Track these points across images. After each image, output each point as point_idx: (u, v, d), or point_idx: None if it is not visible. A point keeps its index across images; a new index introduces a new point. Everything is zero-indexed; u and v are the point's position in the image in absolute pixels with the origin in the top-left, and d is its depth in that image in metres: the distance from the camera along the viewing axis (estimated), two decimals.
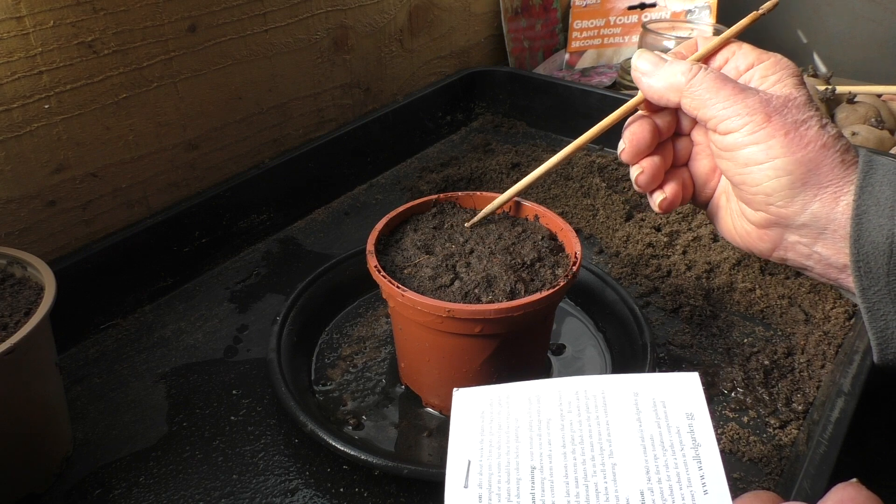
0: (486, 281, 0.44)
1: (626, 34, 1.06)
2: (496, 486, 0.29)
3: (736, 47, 0.41)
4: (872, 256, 0.36)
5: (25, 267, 0.45)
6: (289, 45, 0.72)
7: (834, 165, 0.37)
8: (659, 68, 0.41)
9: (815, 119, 0.38)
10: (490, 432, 0.32)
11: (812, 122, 0.37)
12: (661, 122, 0.43)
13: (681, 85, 0.39)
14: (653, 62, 0.41)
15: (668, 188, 0.43)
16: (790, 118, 0.37)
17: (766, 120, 0.37)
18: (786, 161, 0.37)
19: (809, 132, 0.37)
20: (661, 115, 0.43)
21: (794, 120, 0.37)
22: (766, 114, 0.37)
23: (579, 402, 0.32)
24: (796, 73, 0.40)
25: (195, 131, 0.66)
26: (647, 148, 0.42)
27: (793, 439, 0.48)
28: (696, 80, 0.39)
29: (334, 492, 0.45)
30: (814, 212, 0.38)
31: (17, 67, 0.52)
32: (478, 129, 0.92)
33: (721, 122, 0.38)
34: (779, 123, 0.37)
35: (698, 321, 0.58)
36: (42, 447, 0.44)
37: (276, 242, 0.69)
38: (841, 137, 0.38)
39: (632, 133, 0.42)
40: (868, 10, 1.10)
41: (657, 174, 0.43)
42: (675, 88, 0.40)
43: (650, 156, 0.43)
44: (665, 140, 0.43)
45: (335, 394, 0.51)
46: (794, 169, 0.37)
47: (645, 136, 0.42)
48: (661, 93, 0.40)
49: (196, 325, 0.58)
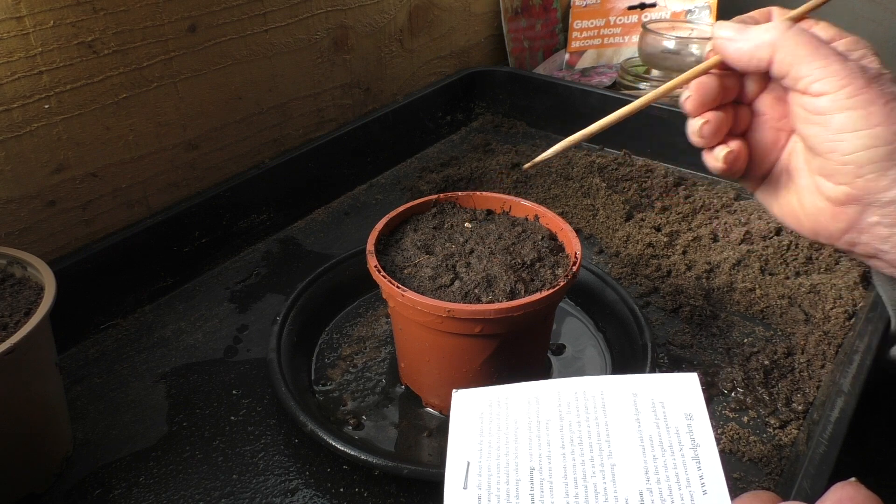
0: (486, 281, 0.44)
1: (626, 34, 1.06)
2: (495, 488, 0.29)
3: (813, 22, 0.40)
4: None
5: (25, 267, 0.45)
6: (289, 45, 0.72)
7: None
8: (745, 30, 0.39)
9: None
10: (489, 433, 0.32)
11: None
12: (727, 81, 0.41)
13: (774, 40, 0.37)
14: (736, 28, 0.39)
15: (732, 143, 0.41)
16: (888, 89, 0.36)
17: (866, 85, 0.35)
18: (886, 130, 0.35)
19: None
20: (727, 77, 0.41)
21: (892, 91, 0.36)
22: (866, 80, 0.36)
23: (578, 402, 0.32)
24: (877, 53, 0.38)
25: (195, 131, 0.66)
26: (713, 100, 0.40)
27: (793, 439, 0.48)
28: (792, 35, 0.37)
29: (334, 492, 0.45)
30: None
31: (17, 67, 0.52)
32: (478, 129, 0.92)
33: (816, 82, 0.36)
34: (878, 91, 0.35)
35: (698, 321, 0.58)
36: (42, 447, 0.44)
37: (276, 242, 0.69)
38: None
39: (699, 82, 0.40)
40: (868, 10, 1.10)
41: (721, 127, 0.41)
42: (768, 44, 0.37)
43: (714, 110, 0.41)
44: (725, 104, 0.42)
45: (335, 394, 0.51)
46: (893, 139, 0.35)
47: (713, 86, 0.40)
48: (750, 52, 0.38)
49: (196, 325, 0.58)
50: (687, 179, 0.77)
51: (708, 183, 0.76)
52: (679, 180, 0.76)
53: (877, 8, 1.09)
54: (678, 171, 0.79)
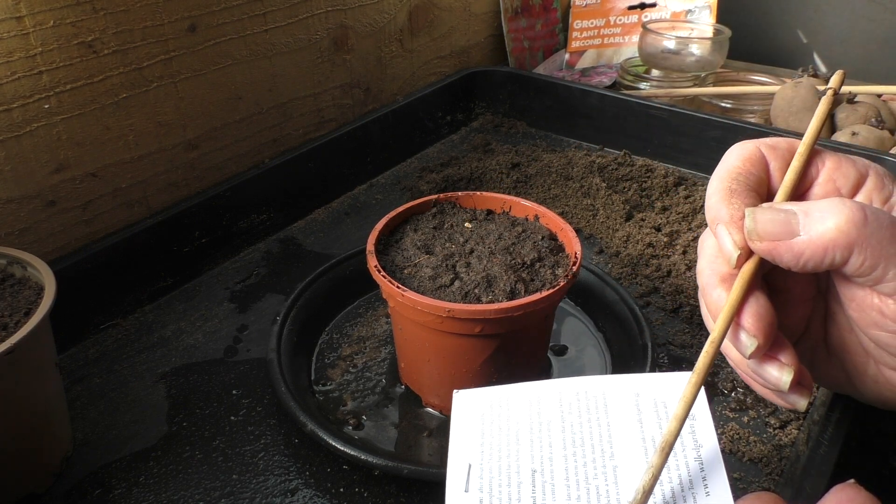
0: (486, 281, 0.44)
1: (626, 34, 1.06)
2: (497, 490, 0.29)
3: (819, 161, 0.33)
4: None
5: (25, 267, 0.45)
6: (289, 45, 0.72)
7: None
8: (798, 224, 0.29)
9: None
10: (490, 435, 0.32)
11: None
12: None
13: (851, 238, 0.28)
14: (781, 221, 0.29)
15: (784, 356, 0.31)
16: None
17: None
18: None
19: None
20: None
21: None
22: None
23: (580, 403, 0.32)
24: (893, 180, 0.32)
25: (195, 131, 0.66)
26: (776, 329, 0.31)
27: (793, 439, 0.48)
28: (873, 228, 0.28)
29: (334, 492, 0.45)
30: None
31: (17, 67, 0.52)
32: (478, 129, 0.92)
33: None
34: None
35: (698, 321, 0.58)
36: (42, 447, 0.44)
37: (276, 242, 0.69)
38: None
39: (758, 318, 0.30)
40: (868, 10, 1.10)
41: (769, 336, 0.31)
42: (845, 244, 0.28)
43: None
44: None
45: (335, 394, 0.51)
46: None
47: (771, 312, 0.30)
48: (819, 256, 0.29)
49: (196, 325, 0.58)
50: (687, 179, 0.77)
51: (708, 183, 0.76)
52: (679, 180, 0.76)
53: (877, 8, 1.09)
54: (678, 171, 0.79)
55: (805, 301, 0.35)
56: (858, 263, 0.29)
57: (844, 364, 0.34)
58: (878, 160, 0.70)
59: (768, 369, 0.31)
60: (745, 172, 0.33)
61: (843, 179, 0.32)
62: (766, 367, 0.31)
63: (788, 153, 0.33)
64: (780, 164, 0.33)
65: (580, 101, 0.86)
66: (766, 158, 0.33)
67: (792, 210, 0.30)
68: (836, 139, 0.78)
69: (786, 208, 0.30)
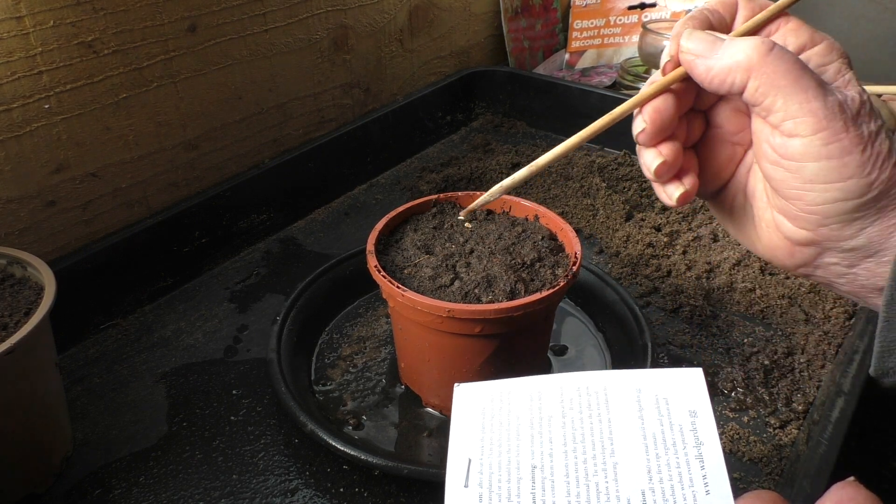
0: (486, 281, 0.44)
1: (626, 34, 1.06)
2: (496, 486, 0.29)
3: (783, 21, 0.35)
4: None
5: (25, 267, 0.45)
6: (289, 45, 0.72)
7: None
8: (718, 46, 0.34)
9: (883, 129, 0.33)
10: (491, 430, 0.32)
11: (882, 134, 0.32)
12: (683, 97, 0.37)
13: (752, 63, 0.32)
14: (708, 41, 0.34)
15: (686, 180, 0.37)
16: (865, 129, 0.32)
17: (844, 129, 0.31)
18: (858, 183, 0.32)
19: (883, 149, 0.32)
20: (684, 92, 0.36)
21: (870, 132, 0.32)
22: (844, 122, 0.32)
23: (581, 398, 0.32)
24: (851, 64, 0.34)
25: (195, 131, 0.66)
26: (670, 127, 0.36)
27: (793, 439, 0.48)
28: (774, 58, 0.32)
29: (334, 492, 0.45)
30: (869, 235, 0.33)
31: (17, 67, 0.52)
32: (478, 129, 0.92)
33: (790, 120, 0.32)
34: (856, 136, 0.32)
35: (698, 321, 0.58)
36: (42, 447, 0.44)
37: (276, 242, 0.69)
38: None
39: (655, 109, 0.36)
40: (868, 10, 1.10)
41: (677, 161, 0.37)
42: (745, 67, 0.33)
43: (669, 139, 0.36)
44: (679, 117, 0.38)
45: (335, 394, 0.51)
46: (865, 192, 0.32)
47: (670, 112, 0.36)
48: (723, 74, 0.33)
49: (196, 325, 0.58)
50: None
51: None
52: None
53: (877, 8, 1.09)
54: None
55: (734, 143, 0.38)
56: (753, 89, 0.33)
57: (754, 210, 0.38)
58: None
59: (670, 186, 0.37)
60: (713, 10, 0.37)
61: (794, 40, 0.35)
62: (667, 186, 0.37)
63: (759, 7, 0.37)
64: (748, 13, 0.37)
65: (580, 101, 0.86)
66: (737, 5, 0.37)
67: (721, 38, 0.34)
68: None
69: (717, 35, 0.35)
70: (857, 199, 0.32)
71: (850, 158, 0.32)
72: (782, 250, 0.37)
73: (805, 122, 0.32)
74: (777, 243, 0.37)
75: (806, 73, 0.32)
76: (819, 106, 0.32)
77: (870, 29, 1.11)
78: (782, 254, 0.37)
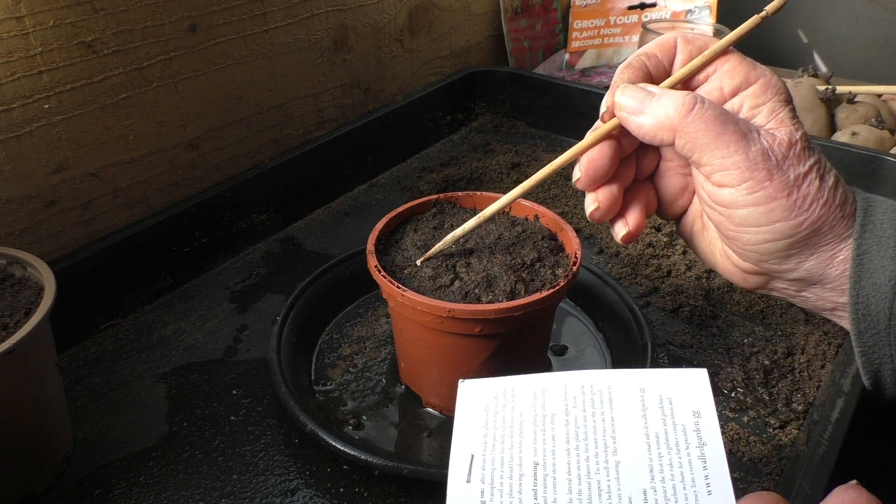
0: (486, 281, 0.44)
1: (626, 34, 1.06)
2: (498, 482, 0.29)
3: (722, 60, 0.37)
4: (873, 299, 0.35)
5: (25, 267, 0.45)
6: (289, 45, 0.72)
7: (834, 223, 0.35)
8: (647, 104, 0.36)
9: (815, 169, 0.34)
10: (494, 426, 0.32)
11: (812, 175, 0.34)
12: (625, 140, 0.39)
13: (674, 123, 0.35)
14: (639, 98, 0.36)
15: (630, 217, 0.40)
16: (792, 174, 0.34)
17: (768, 178, 0.34)
18: (786, 226, 0.34)
19: (811, 190, 0.34)
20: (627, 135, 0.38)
21: (797, 175, 0.34)
22: (768, 170, 0.34)
23: (584, 397, 0.32)
24: (788, 99, 0.36)
25: (195, 131, 0.66)
26: (605, 175, 0.38)
27: (793, 439, 0.48)
28: (694, 118, 0.34)
29: (334, 492, 0.45)
30: (808, 268, 0.36)
31: (17, 67, 0.52)
32: (478, 129, 0.92)
33: (717, 173, 0.35)
34: (781, 183, 0.34)
35: (698, 321, 0.58)
36: (42, 447, 0.44)
37: (276, 242, 0.69)
38: (838, 185, 0.35)
39: (590, 160, 0.38)
40: (868, 10, 1.10)
41: (614, 205, 0.39)
42: (669, 127, 0.35)
43: (607, 184, 0.39)
44: (627, 155, 0.40)
45: (335, 394, 0.51)
46: (794, 233, 0.34)
47: (604, 161, 0.38)
48: (652, 132, 0.36)
49: (196, 325, 0.58)
50: None
51: None
52: None
53: (877, 8, 1.09)
54: None
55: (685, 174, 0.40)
56: (681, 145, 0.35)
57: (709, 238, 0.40)
58: (878, 160, 0.70)
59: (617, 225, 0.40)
60: (651, 55, 0.38)
61: (729, 81, 0.36)
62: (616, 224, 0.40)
63: (698, 50, 0.38)
64: (686, 56, 0.38)
65: (580, 101, 0.86)
66: (676, 48, 0.39)
67: (651, 92, 0.36)
68: (836, 139, 0.78)
69: (648, 89, 0.36)
70: (788, 240, 0.35)
71: (775, 204, 0.34)
72: (736, 275, 0.39)
73: (729, 174, 0.34)
74: (731, 269, 0.39)
75: (727, 127, 0.34)
76: (741, 159, 0.34)
77: (870, 29, 1.11)
78: (737, 278, 0.39)
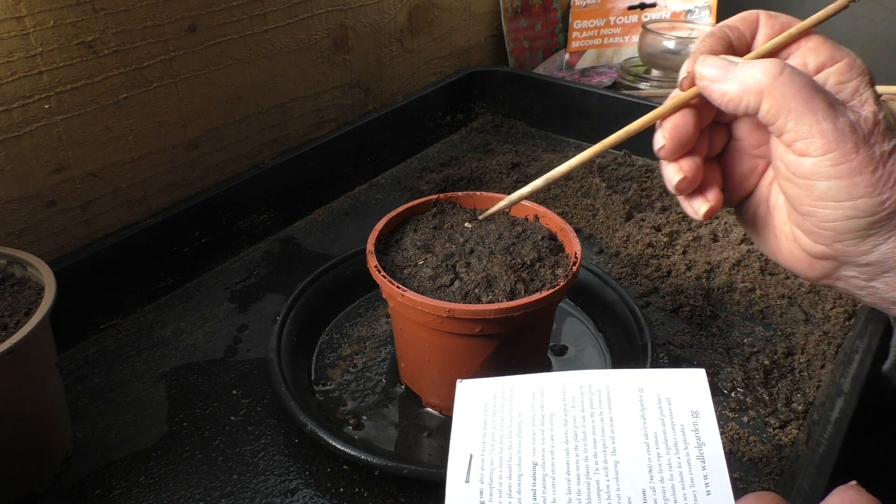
0: (486, 281, 0.44)
1: (626, 34, 1.06)
2: (497, 482, 0.29)
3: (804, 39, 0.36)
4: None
5: (25, 267, 0.45)
6: (289, 45, 0.72)
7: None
8: (731, 71, 0.35)
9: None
10: (493, 426, 0.32)
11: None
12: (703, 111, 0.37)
13: (763, 86, 0.33)
14: (722, 66, 0.35)
15: (710, 195, 0.38)
16: (878, 150, 0.33)
17: (854, 151, 0.32)
18: (869, 202, 0.33)
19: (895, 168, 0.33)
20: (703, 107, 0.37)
21: (882, 152, 0.33)
22: (854, 143, 0.32)
23: (583, 397, 0.32)
24: (872, 81, 0.35)
25: (195, 131, 0.66)
26: (689, 143, 0.37)
27: (793, 439, 0.48)
28: (784, 81, 0.33)
29: (334, 492, 0.45)
30: (884, 251, 0.34)
31: (17, 67, 0.52)
32: (478, 129, 0.92)
33: (801, 141, 0.33)
34: (867, 157, 0.32)
35: (698, 321, 0.58)
36: (42, 447, 0.44)
37: (276, 242, 0.69)
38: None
39: (674, 126, 0.37)
40: (868, 10, 1.10)
41: (697, 177, 0.37)
42: (756, 90, 0.34)
43: (690, 154, 0.37)
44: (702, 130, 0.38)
45: (335, 394, 0.51)
46: (876, 211, 0.33)
47: (688, 129, 0.36)
48: (738, 98, 0.34)
49: (196, 325, 0.58)
50: None
51: None
52: None
53: (877, 8, 1.09)
54: None
55: (755, 156, 0.39)
56: (765, 110, 0.34)
57: (775, 222, 0.39)
58: None
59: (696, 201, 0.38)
60: (733, 27, 0.38)
61: (814, 58, 0.36)
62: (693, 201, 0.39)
63: (781, 26, 0.37)
64: (770, 31, 0.38)
65: (580, 101, 0.86)
66: (758, 23, 0.38)
67: (734, 61, 0.35)
68: None
69: (730, 59, 0.36)
70: (869, 217, 0.33)
71: (859, 178, 0.32)
72: (802, 262, 0.38)
73: (814, 142, 0.33)
74: (797, 255, 0.37)
75: (817, 95, 0.33)
76: (829, 127, 0.32)
77: (870, 29, 1.11)
78: (802, 266, 0.38)
